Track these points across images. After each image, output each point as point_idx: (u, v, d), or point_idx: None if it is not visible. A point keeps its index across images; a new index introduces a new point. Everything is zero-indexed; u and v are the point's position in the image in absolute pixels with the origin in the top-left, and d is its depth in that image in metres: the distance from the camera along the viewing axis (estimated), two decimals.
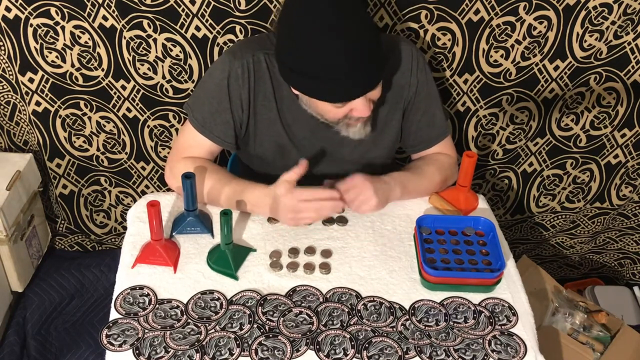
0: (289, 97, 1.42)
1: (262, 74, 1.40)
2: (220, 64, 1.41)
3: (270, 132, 1.46)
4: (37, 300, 1.99)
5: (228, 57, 1.40)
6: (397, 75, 1.45)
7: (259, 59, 1.39)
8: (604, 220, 2.14)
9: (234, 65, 1.38)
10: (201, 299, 1.23)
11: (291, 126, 1.45)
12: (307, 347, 1.17)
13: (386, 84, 1.43)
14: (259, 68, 1.39)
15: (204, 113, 1.42)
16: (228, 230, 1.25)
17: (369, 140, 1.49)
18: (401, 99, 1.47)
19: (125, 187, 1.98)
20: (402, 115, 1.49)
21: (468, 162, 1.42)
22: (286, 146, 1.48)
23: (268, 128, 1.45)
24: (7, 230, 1.82)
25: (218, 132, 1.43)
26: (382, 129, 1.49)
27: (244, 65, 1.38)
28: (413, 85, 1.46)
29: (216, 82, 1.40)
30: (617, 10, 1.62)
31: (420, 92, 1.47)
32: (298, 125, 1.44)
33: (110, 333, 1.17)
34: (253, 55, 1.39)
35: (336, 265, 1.33)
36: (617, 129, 1.89)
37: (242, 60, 1.38)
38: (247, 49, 1.40)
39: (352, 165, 1.52)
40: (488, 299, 1.28)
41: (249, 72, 1.38)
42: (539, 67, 1.73)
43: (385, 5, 1.60)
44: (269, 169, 1.52)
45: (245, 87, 1.39)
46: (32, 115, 1.77)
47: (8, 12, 1.57)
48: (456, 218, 1.42)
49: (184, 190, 1.31)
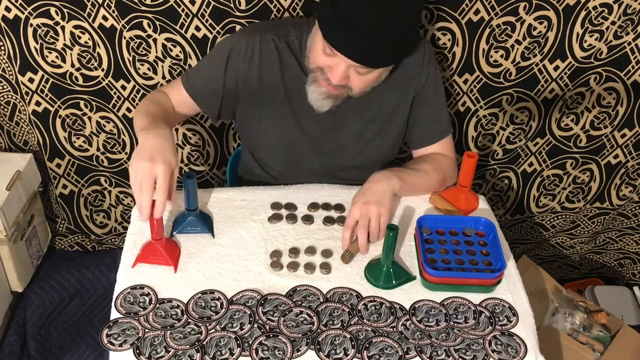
0: (299, 77, 1.43)
1: (269, 55, 1.42)
2: (228, 38, 1.47)
3: (276, 113, 1.47)
4: (37, 300, 1.99)
5: (238, 33, 1.48)
6: (409, 66, 1.46)
7: (266, 39, 1.42)
8: (604, 220, 2.14)
9: (240, 40, 1.42)
10: (202, 299, 1.23)
11: (297, 108, 1.46)
12: (308, 347, 1.17)
13: (398, 74, 1.44)
14: (266, 48, 1.41)
15: (197, 76, 1.46)
16: (392, 247, 1.25)
17: (374, 129, 1.49)
18: (411, 89, 1.48)
19: (125, 187, 1.98)
20: (410, 107, 1.50)
21: (468, 162, 1.42)
22: (290, 126, 1.48)
23: (274, 109, 1.47)
24: (7, 230, 1.82)
25: (205, 94, 1.46)
26: (389, 118, 1.50)
27: (250, 43, 1.41)
28: (423, 76, 1.47)
29: (218, 51, 1.45)
30: (617, 10, 1.62)
31: (429, 85, 1.48)
32: (304, 107, 1.45)
33: (110, 333, 1.16)
34: (262, 35, 1.42)
35: (337, 265, 1.33)
36: (617, 129, 1.89)
37: (249, 38, 1.42)
38: (257, 30, 1.44)
39: (355, 155, 1.52)
40: (488, 299, 1.28)
41: (253, 50, 1.41)
42: (539, 67, 1.73)
43: None
44: (271, 154, 1.54)
45: (246, 64, 1.42)
46: (32, 115, 1.77)
47: (8, 12, 1.57)
48: (457, 218, 1.42)
49: (185, 190, 1.31)
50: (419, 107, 1.50)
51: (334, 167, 1.55)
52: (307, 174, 1.54)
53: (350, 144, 1.51)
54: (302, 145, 1.51)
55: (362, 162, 1.54)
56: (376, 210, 1.33)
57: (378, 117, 1.49)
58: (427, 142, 1.54)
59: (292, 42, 1.43)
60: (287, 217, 1.42)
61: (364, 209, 1.33)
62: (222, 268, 1.30)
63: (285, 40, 1.43)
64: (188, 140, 1.86)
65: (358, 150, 1.52)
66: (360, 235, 1.33)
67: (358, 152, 1.53)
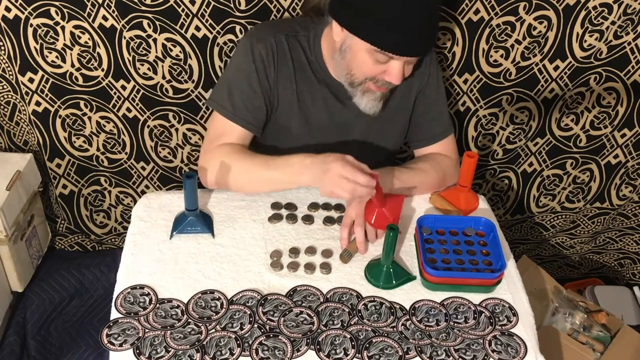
0: (309, 79, 1.43)
1: (283, 55, 1.41)
2: (243, 50, 1.41)
3: (288, 114, 1.47)
4: (37, 300, 1.99)
5: (249, 41, 1.41)
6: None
7: (280, 40, 1.40)
8: (604, 220, 2.14)
9: (257, 47, 1.39)
10: (202, 299, 1.23)
11: (309, 108, 1.46)
12: (308, 347, 1.17)
13: None
14: (281, 49, 1.41)
15: (234, 100, 1.41)
16: (392, 247, 1.25)
17: (377, 128, 1.49)
18: (414, 88, 1.49)
19: (125, 187, 1.98)
20: (412, 106, 1.50)
21: (469, 162, 1.42)
22: (301, 128, 1.48)
23: (286, 110, 1.46)
24: (7, 230, 1.82)
25: (250, 118, 1.42)
26: (392, 117, 1.50)
27: (267, 47, 1.39)
28: (426, 75, 1.48)
29: (243, 68, 1.40)
30: (617, 10, 1.62)
31: (431, 83, 1.49)
32: (315, 108, 1.45)
33: (110, 332, 1.16)
34: (274, 36, 1.40)
35: (337, 265, 1.33)
36: (617, 129, 1.89)
37: (265, 42, 1.39)
38: (268, 32, 1.42)
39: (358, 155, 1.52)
40: (488, 299, 1.28)
41: (272, 53, 1.40)
42: (539, 67, 1.73)
43: None
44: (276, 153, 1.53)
45: (271, 68, 1.40)
46: (32, 115, 1.77)
47: (8, 12, 1.57)
48: (457, 218, 1.42)
49: (185, 190, 1.31)
50: (421, 106, 1.51)
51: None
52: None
53: (353, 144, 1.52)
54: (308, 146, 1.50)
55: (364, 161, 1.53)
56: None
57: (380, 116, 1.49)
58: (428, 142, 1.55)
59: (302, 41, 1.43)
60: (287, 217, 1.42)
61: (360, 207, 1.34)
62: (222, 268, 1.30)
63: (296, 39, 1.43)
64: (188, 140, 1.86)
65: (360, 150, 1.52)
66: (358, 233, 1.33)
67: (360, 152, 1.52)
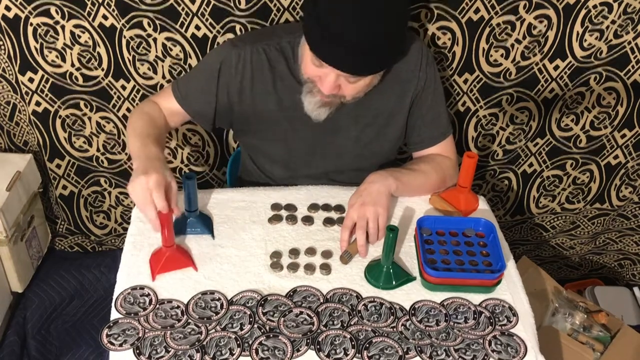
0: (290, 86, 1.43)
1: (260, 66, 1.41)
2: (219, 49, 1.46)
3: (271, 122, 1.47)
4: (37, 300, 1.99)
5: (227, 45, 1.45)
6: (405, 70, 1.45)
7: (257, 50, 1.41)
8: (603, 221, 2.14)
9: (231, 53, 1.41)
10: (202, 299, 1.23)
11: (292, 116, 1.46)
12: (308, 347, 1.16)
13: (394, 78, 1.44)
14: (257, 59, 1.41)
15: (189, 88, 1.47)
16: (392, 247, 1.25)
17: (372, 134, 1.49)
18: (409, 93, 1.47)
19: (125, 188, 1.97)
20: (408, 110, 1.50)
21: (468, 162, 1.42)
22: (287, 135, 1.49)
23: (268, 119, 1.47)
24: (7, 231, 1.82)
25: (197, 107, 1.47)
26: (387, 122, 1.49)
27: (241, 55, 1.41)
28: (422, 79, 1.47)
29: (209, 64, 1.45)
30: (617, 9, 1.62)
31: (428, 87, 1.48)
32: (299, 115, 1.44)
33: (110, 333, 1.16)
34: (252, 46, 1.41)
35: (337, 266, 1.33)
36: (617, 129, 1.89)
37: (240, 50, 1.41)
38: (248, 41, 1.43)
39: (354, 159, 1.52)
40: (488, 300, 1.28)
41: (244, 62, 1.41)
42: (539, 67, 1.73)
43: None
44: (269, 162, 1.55)
45: (238, 77, 1.42)
46: (32, 116, 1.77)
47: (8, 12, 1.57)
48: (457, 219, 1.42)
49: (185, 191, 1.31)
50: (418, 110, 1.50)
51: (333, 171, 1.55)
52: (306, 178, 1.54)
53: (348, 149, 1.51)
54: (300, 153, 1.51)
55: (361, 166, 1.54)
56: (373, 210, 1.33)
57: (375, 121, 1.48)
58: (427, 144, 1.54)
59: (284, 49, 1.42)
60: (287, 218, 1.42)
61: (361, 210, 1.33)
62: (222, 269, 1.30)
63: (276, 48, 1.42)
64: (188, 141, 1.86)
65: (356, 154, 1.52)
66: (359, 236, 1.33)
67: (356, 156, 1.53)
